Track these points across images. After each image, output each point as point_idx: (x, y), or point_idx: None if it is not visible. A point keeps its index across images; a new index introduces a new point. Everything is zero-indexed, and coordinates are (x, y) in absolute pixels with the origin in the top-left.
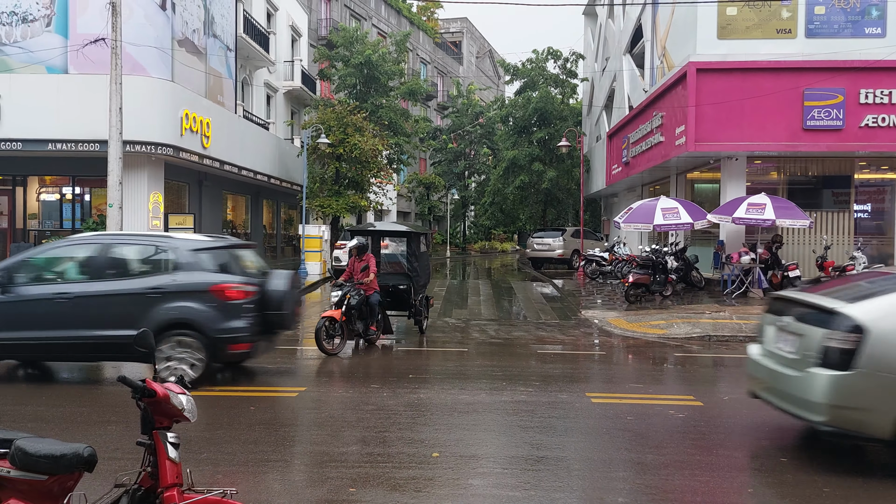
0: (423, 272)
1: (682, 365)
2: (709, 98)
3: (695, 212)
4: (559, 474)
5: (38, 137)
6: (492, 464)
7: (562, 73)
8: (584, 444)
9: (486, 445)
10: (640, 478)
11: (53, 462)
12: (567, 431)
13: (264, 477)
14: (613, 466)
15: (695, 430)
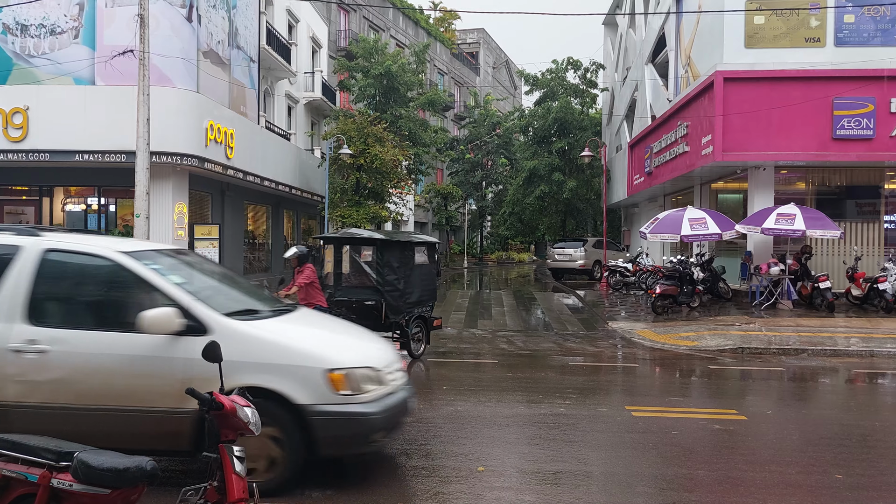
0: (415, 287)
1: (718, 378)
2: (736, 107)
3: (723, 222)
4: (612, 491)
5: (65, 148)
6: (540, 479)
7: (581, 83)
8: (633, 459)
9: (531, 460)
10: (696, 496)
11: (117, 475)
12: (613, 446)
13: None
14: (666, 483)
15: (743, 446)
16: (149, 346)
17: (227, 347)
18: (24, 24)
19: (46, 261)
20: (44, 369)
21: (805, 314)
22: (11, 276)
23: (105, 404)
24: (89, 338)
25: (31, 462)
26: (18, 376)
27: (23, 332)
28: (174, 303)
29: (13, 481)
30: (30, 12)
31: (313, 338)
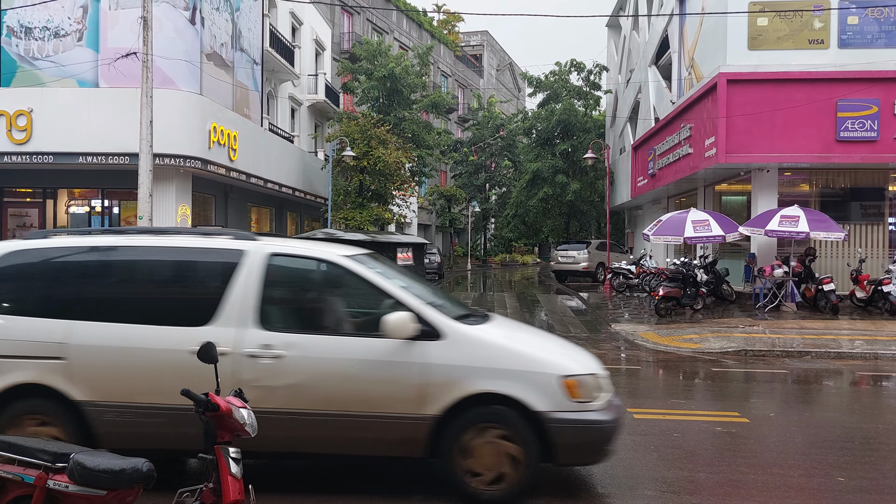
0: None
1: (721, 380)
2: (739, 109)
3: (726, 224)
4: (613, 494)
5: (69, 150)
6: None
7: (585, 85)
8: (634, 461)
9: None
10: (697, 499)
11: (113, 477)
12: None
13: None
14: (668, 486)
15: (745, 448)
16: (383, 350)
17: (460, 352)
18: (28, 27)
19: (272, 266)
20: (280, 374)
21: (809, 316)
22: (240, 281)
23: (340, 409)
24: (323, 342)
25: (27, 463)
26: (255, 381)
27: (257, 337)
28: (405, 307)
29: (9, 483)
30: (34, 15)
31: (536, 343)
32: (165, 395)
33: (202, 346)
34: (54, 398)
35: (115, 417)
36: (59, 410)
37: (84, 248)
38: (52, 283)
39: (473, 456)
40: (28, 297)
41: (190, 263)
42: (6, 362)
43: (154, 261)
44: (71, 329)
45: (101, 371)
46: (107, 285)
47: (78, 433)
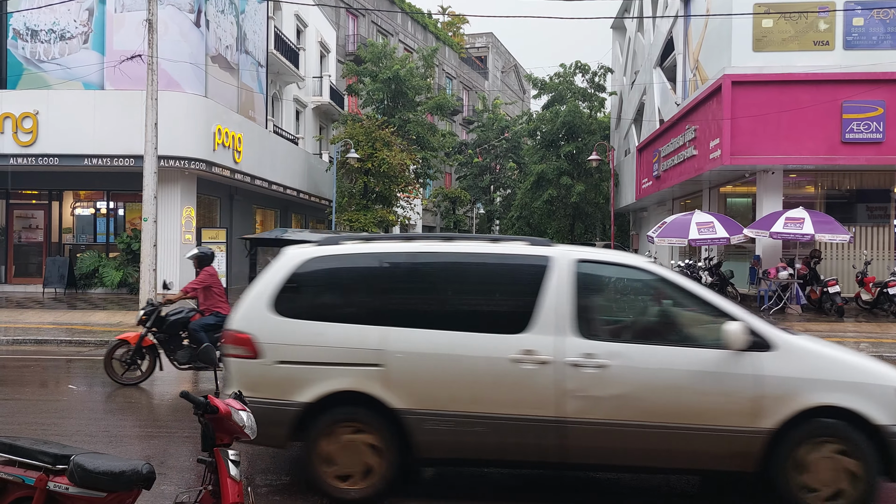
0: None
1: None
2: (744, 111)
3: (730, 226)
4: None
5: (75, 153)
6: (536, 481)
7: (590, 86)
8: None
9: None
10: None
11: (113, 479)
12: None
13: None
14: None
15: None
16: (715, 361)
17: (794, 364)
18: (34, 30)
19: (581, 272)
20: (604, 384)
21: (814, 319)
22: (551, 288)
23: (667, 422)
24: (648, 352)
25: (27, 465)
26: (578, 391)
27: (578, 346)
28: (731, 317)
29: (10, 484)
30: (40, 17)
31: (855, 355)
32: (485, 404)
33: (202, 348)
34: (371, 406)
35: (433, 426)
36: (376, 418)
37: (388, 255)
38: (363, 289)
39: (809, 471)
40: (338, 304)
41: (498, 270)
42: (322, 369)
43: (463, 267)
44: (387, 335)
45: (419, 378)
46: (419, 292)
47: (394, 442)
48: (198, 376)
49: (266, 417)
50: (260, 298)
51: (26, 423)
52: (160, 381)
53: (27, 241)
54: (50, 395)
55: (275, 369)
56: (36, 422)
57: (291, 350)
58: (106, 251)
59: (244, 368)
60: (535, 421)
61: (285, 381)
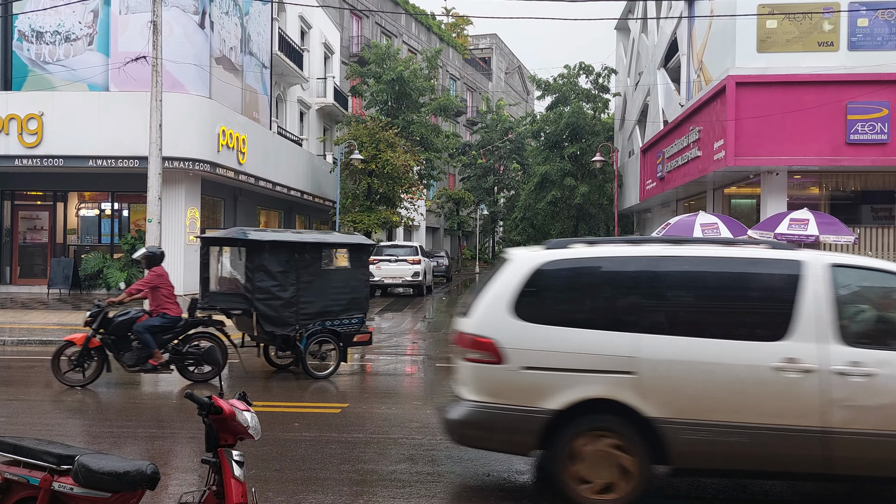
0: (320, 296)
1: None
2: (748, 112)
3: (734, 227)
4: None
5: (79, 154)
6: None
7: (594, 88)
8: None
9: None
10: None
11: (117, 479)
12: None
13: (314, 497)
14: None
15: None
16: None
17: None
18: (39, 31)
19: (836, 278)
20: (873, 394)
21: None
22: (808, 294)
23: None
24: None
25: (32, 465)
26: (845, 401)
27: (844, 354)
28: None
29: (14, 484)
30: (45, 19)
31: None
32: (746, 413)
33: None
34: (623, 414)
35: (691, 436)
36: (628, 427)
37: (632, 259)
38: (609, 294)
39: None
40: (583, 309)
41: (749, 274)
42: (571, 376)
43: (711, 272)
44: (638, 342)
45: (675, 387)
46: (668, 297)
47: (648, 451)
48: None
49: (511, 424)
50: (498, 302)
51: (30, 423)
52: (164, 381)
53: (32, 241)
54: (54, 396)
55: (521, 375)
56: (40, 422)
57: (538, 356)
58: (110, 252)
59: (486, 374)
60: (798, 431)
61: (532, 388)
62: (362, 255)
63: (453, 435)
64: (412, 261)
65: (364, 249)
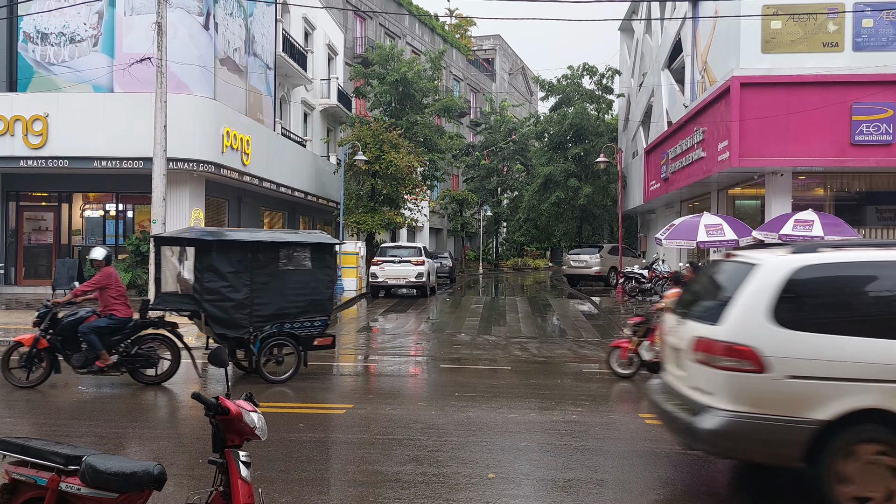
0: (275, 297)
1: None
2: (753, 113)
3: (739, 228)
4: (625, 500)
5: (84, 155)
6: (551, 486)
7: (597, 88)
8: (645, 467)
9: (543, 467)
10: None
11: (124, 480)
12: (625, 455)
13: (320, 497)
14: (681, 492)
15: None
16: None
17: None
18: (44, 33)
19: None
20: None
21: None
22: None
23: None
24: None
25: (39, 466)
26: None
27: None
28: None
29: (22, 485)
30: (50, 21)
31: None
32: None
33: (214, 350)
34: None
35: None
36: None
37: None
38: (879, 300)
39: None
40: (848, 316)
41: None
42: (840, 385)
43: None
44: None
45: None
46: None
47: None
48: (207, 377)
49: (774, 436)
50: (755, 309)
51: (36, 424)
52: (169, 382)
53: (37, 242)
54: (59, 397)
55: (785, 384)
56: (46, 423)
57: (805, 364)
58: (115, 253)
59: (745, 383)
60: None
61: (798, 398)
62: (325, 255)
63: (707, 445)
64: (416, 262)
65: (327, 249)
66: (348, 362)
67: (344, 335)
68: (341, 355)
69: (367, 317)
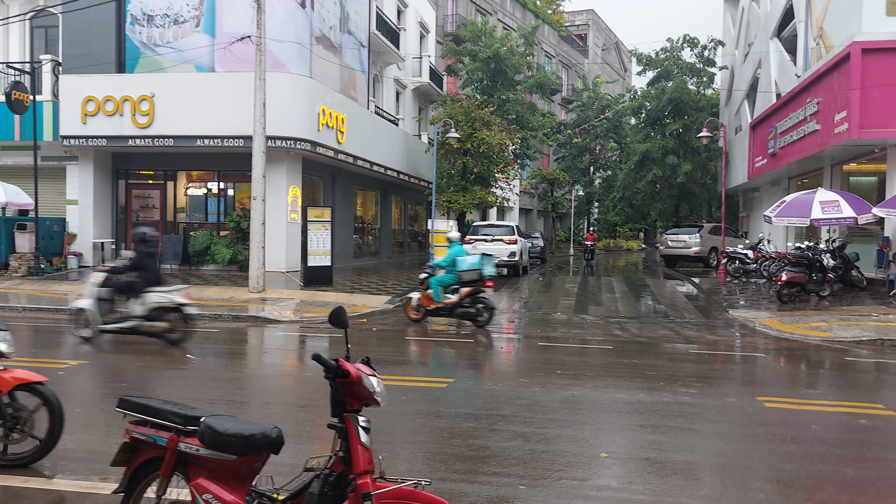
0: None
1: (856, 370)
2: (876, 80)
3: (858, 205)
4: (752, 486)
5: (188, 134)
6: (669, 469)
7: (699, 61)
8: (771, 453)
9: (657, 449)
10: (849, 497)
11: (243, 441)
12: (746, 438)
13: (429, 469)
14: (813, 481)
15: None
16: None
17: None
18: (150, 15)
19: None
20: None
21: None
22: None
23: None
24: None
25: (159, 426)
26: None
27: None
28: None
29: (142, 444)
30: (155, 3)
31: None
32: None
33: (333, 310)
34: None
35: None
36: None
37: None
38: None
39: None
40: None
41: None
42: None
43: None
44: None
45: None
46: None
47: None
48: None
49: None
50: None
51: (149, 390)
52: (273, 349)
53: (144, 219)
54: (172, 364)
55: None
56: (159, 388)
57: None
58: (217, 229)
59: None
60: None
61: None
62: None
63: None
64: (508, 240)
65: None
66: (444, 338)
67: None
68: (436, 332)
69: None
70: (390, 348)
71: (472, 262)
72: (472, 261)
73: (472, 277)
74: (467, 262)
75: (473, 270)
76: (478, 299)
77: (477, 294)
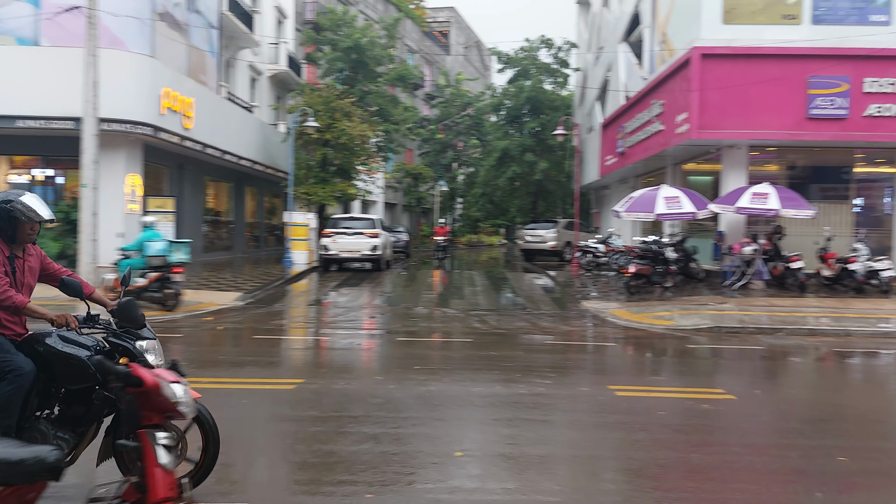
0: None
1: (698, 357)
2: (713, 84)
3: (697, 201)
4: (604, 476)
5: (7, 114)
6: (524, 464)
7: (554, 62)
8: (621, 442)
9: (513, 443)
10: (695, 482)
11: (9, 469)
12: (598, 427)
13: (267, 484)
14: (660, 468)
15: (737, 427)
16: None
17: None
18: None
19: None
20: None
21: (777, 294)
22: None
23: None
24: None
25: None
26: None
27: None
28: None
29: None
30: None
31: None
32: None
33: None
34: None
35: None
36: None
37: None
38: None
39: None
40: None
41: None
42: None
43: None
44: None
45: None
46: None
47: None
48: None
49: None
50: None
51: None
52: None
53: None
54: None
55: None
56: None
57: None
58: None
59: None
60: None
61: None
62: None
63: None
64: (370, 234)
65: None
66: (298, 336)
67: (293, 309)
68: (290, 329)
69: (318, 291)
70: (237, 348)
71: (159, 248)
72: (158, 247)
73: (157, 263)
74: (154, 247)
75: (159, 256)
76: (166, 284)
77: (165, 279)
